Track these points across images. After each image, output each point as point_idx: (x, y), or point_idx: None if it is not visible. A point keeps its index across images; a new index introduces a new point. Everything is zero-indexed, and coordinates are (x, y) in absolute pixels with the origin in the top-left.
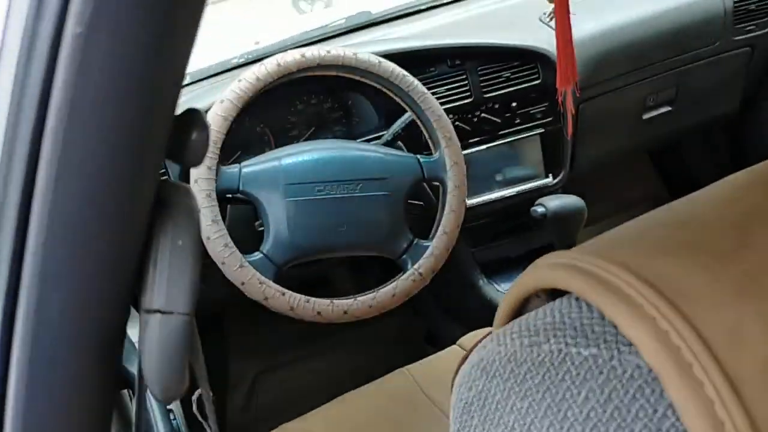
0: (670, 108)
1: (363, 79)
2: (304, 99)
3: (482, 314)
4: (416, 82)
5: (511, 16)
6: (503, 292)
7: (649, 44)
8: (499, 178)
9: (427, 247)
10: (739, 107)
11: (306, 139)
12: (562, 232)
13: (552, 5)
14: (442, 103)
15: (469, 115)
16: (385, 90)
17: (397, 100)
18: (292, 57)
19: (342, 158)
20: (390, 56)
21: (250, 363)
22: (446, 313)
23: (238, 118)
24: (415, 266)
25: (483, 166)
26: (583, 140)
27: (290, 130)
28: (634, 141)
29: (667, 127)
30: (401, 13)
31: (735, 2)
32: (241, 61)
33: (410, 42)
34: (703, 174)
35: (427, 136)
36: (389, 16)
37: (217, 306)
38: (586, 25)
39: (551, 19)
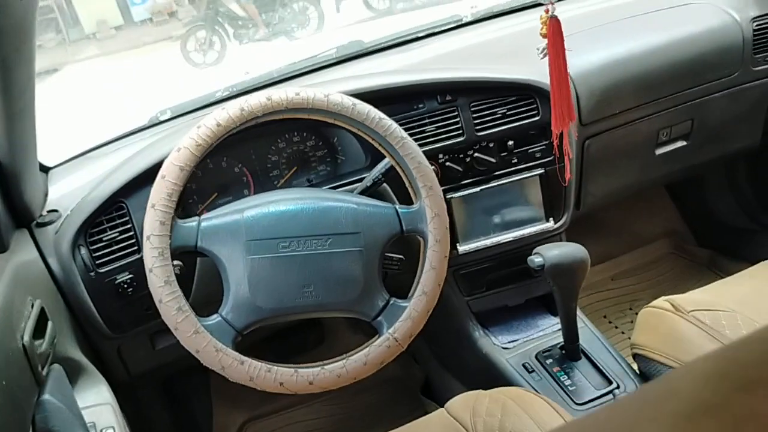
0: (685, 143)
1: (337, 123)
2: (286, 137)
3: (477, 368)
4: (394, 125)
5: (510, 46)
6: (500, 345)
7: (661, 76)
8: (494, 222)
9: (405, 308)
10: (761, 141)
11: (287, 180)
12: (563, 284)
13: (545, 41)
14: (431, 142)
15: (462, 155)
16: (361, 134)
17: (375, 144)
18: (257, 100)
19: (310, 211)
20: (374, 92)
21: (236, 412)
22: (442, 364)
23: (213, 159)
24: (390, 330)
25: (477, 210)
26: (590, 178)
27: (271, 170)
28: (647, 177)
29: (682, 163)
30: (395, 42)
31: (755, 30)
32: (226, 94)
33: (397, 77)
34: (724, 210)
35: (407, 184)
36: (382, 46)
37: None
38: (591, 56)
39: (544, 56)
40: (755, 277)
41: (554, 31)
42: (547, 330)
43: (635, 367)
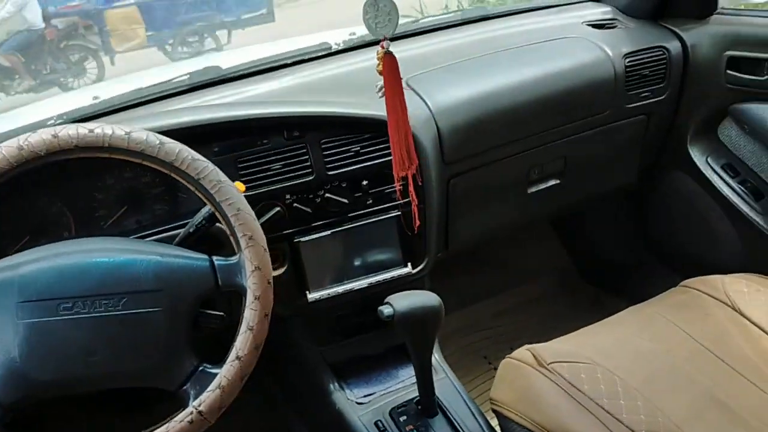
0: (558, 181)
1: (145, 163)
2: (116, 172)
3: (330, 424)
4: (210, 167)
5: (376, 78)
6: (354, 400)
7: (530, 112)
8: (348, 267)
9: (215, 375)
10: (637, 178)
11: (116, 221)
12: (414, 335)
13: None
14: (277, 181)
15: (311, 195)
16: (174, 177)
17: (191, 188)
18: (40, 137)
19: (103, 266)
20: (208, 126)
21: None
22: (300, 417)
23: (27, 196)
24: (196, 402)
25: (329, 255)
26: (458, 217)
27: (96, 209)
28: (520, 216)
29: (558, 201)
30: (256, 69)
31: (627, 67)
32: (59, 121)
33: (237, 110)
34: (607, 246)
35: (228, 232)
36: (241, 73)
37: None
38: (455, 91)
39: (383, 95)
40: (621, 324)
41: (389, 68)
42: (407, 381)
43: (495, 423)
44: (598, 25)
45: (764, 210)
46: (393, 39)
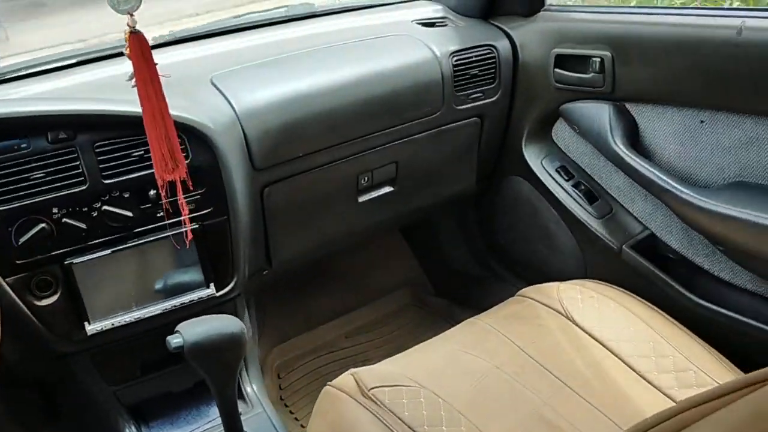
0: (392, 188)
1: None
2: None
3: None
4: None
5: (186, 73)
6: None
7: (353, 114)
8: (137, 292)
9: None
10: (477, 184)
11: None
12: (211, 368)
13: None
14: (41, 192)
15: (85, 208)
16: None
17: None
18: None
19: None
20: None
21: None
22: None
23: None
24: None
25: (111, 278)
26: (279, 230)
27: None
28: (353, 227)
29: (393, 210)
30: (41, 68)
31: (454, 66)
32: None
33: None
34: (457, 257)
35: None
36: (23, 73)
37: None
38: (265, 91)
39: (134, 85)
40: (452, 340)
41: (137, 50)
42: (217, 420)
43: None
44: (428, 24)
45: (598, 213)
46: (207, 36)
